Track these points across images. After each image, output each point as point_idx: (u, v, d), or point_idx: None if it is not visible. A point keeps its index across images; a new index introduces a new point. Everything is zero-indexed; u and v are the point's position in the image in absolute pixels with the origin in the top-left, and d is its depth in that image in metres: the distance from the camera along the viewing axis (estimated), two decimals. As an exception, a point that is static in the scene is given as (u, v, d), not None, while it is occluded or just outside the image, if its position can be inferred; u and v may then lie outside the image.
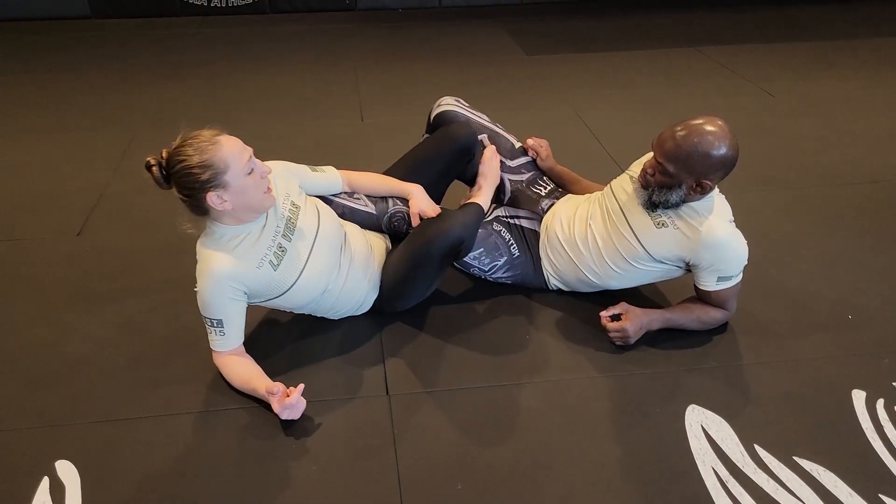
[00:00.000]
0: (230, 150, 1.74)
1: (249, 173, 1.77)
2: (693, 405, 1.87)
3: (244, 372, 1.89)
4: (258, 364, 1.92)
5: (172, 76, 4.45)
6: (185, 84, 4.30)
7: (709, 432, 1.79)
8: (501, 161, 2.37)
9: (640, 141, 1.95)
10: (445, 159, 2.28)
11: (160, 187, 1.78)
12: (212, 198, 1.74)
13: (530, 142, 2.41)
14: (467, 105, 2.41)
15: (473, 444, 1.76)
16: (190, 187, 1.74)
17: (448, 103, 2.39)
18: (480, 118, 2.40)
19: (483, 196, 2.24)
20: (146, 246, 2.56)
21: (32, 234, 2.70)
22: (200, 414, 1.85)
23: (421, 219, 2.12)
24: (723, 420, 1.82)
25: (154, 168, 1.75)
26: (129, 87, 4.24)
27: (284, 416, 1.74)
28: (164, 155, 1.76)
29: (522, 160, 2.41)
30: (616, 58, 4.73)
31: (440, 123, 2.36)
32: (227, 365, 1.91)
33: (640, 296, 2.27)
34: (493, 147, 2.35)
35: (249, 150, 1.80)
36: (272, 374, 1.90)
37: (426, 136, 2.43)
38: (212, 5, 5.70)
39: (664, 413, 1.85)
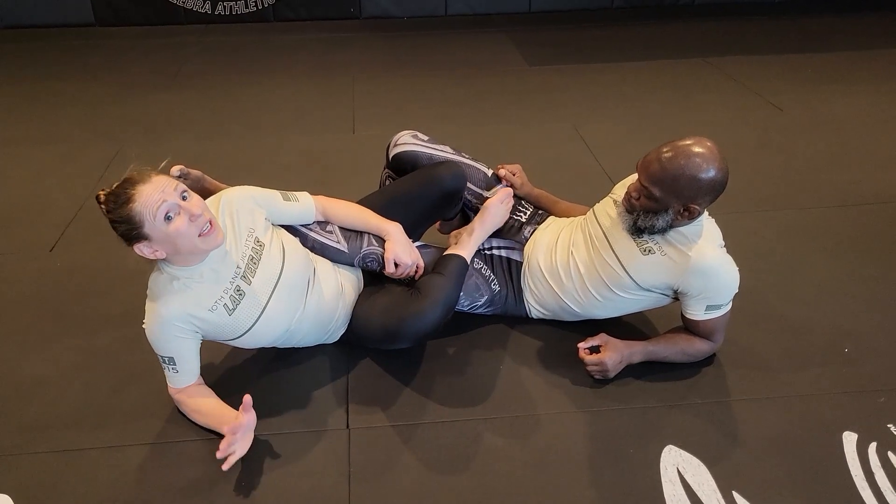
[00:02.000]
0: (143, 202, 1.59)
1: (171, 220, 1.62)
2: (670, 446, 1.76)
3: (203, 404, 1.80)
4: (216, 393, 1.83)
5: (168, 87, 4.41)
6: (181, 95, 4.26)
7: (685, 476, 1.67)
8: (478, 193, 2.24)
9: (637, 158, 1.85)
10: (429, 202, 2.14)
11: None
12: (141, 248, 1.65)
13: (502, 172, 2.28)
14: (426, 139, 2.25)
15: (432, 485, 1.66)
16: (119, 236, 1.65)
17: (405, 142, 2.22)
18: (444, 151, 2.24)
19: (470, 245, 2.09)
20: (118, 265, 2.46)
21: (4, 248, 2.64)
22: (151, 446, 1.77)
23: (396, 265, 1.99)
24: (701, 463, 1.71)
25: (101, 206, 1.65)
26: (124, 98, 4.20)
27: (234, 451, 1.64)
28: (103, 197, 1.65)
29: (498, 188, 2.28)
30: (620, 69, 4.62)
31: (401, 164, 2.21)
32: (183, 401, 1.82)
33: (624, 325, 2.16)
34: (510, 190, 2.21)
35: (171, 192, 1.62)
36: (232, 403, 1.79)
37: (388, 171, 2.29)
38: (216, 13, 5.67)
39: (639, 454, 1.74)
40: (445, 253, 2.09)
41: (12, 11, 5.51)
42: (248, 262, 1.80)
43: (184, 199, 1.64)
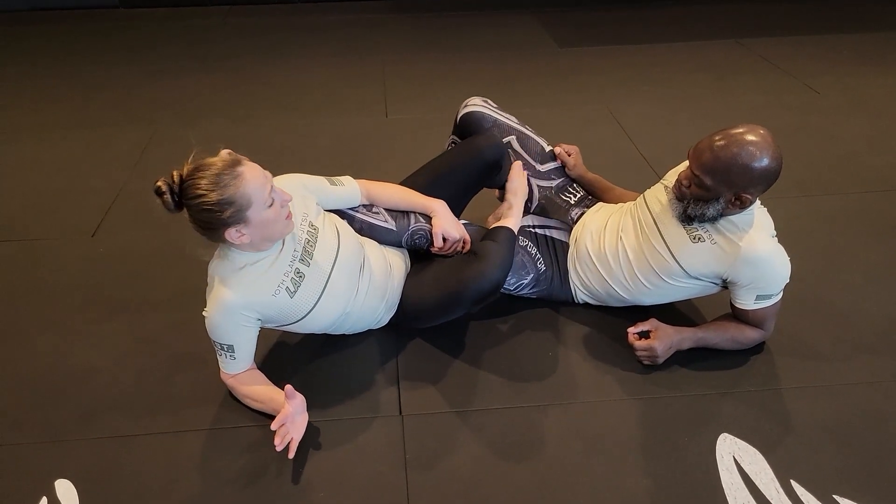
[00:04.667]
0: (253, 185, 1.59)
1: (271, 205, 1.63)
2: (725, 434, 1.75)
3: (256, 391, 1.81)
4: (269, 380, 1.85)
5: (198, 69, 4.39)
6: (210, 78, 4.24)
7: (741, 465, 1.67)
8: (530, 165, 2.26)
9: (676, 142, 1.83)
10: (470, 173, 2.16)
11: (169, 212, 1.63)
12: (230, 233, 1.62)
13: (558, 149, 2.29)
14: (495, 106, 2.29)
15: (487, 472, 1.66)
16: (207, 223, 1.61)
17: (475, 104, 2.27)
18: (509, 119, 2.28)
19: (514, 217, 2.09)
20: (161, 249, 2.50)
21: (46, 234, 2.65)
22: (207, 432, 1.78)
23: (444, 239, 2.01)
24: (757, 451, 1.70)
25: (165, 195, 1.58)
26: (154, 81, 4.19)
27: (291, 437, 1.64)
28: (177, 180, 1.60)
29: (552, 165, 2.29)
30: (652, 51, 4.56)
31: (467, 125, 2.24)
32: (236, 387, 1.83)
33: (672, 311, 2.14)
34: (520, 163, 2.22)
35: (269, 177, 1.65)
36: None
37: (452, 137, 2.32)
38: (241, -6, 5.64)
39: (694, 442, 1.73)
40: (491, 227, 2.10)
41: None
42: (305, 245, 1.80)
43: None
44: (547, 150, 2.30)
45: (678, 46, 4.61)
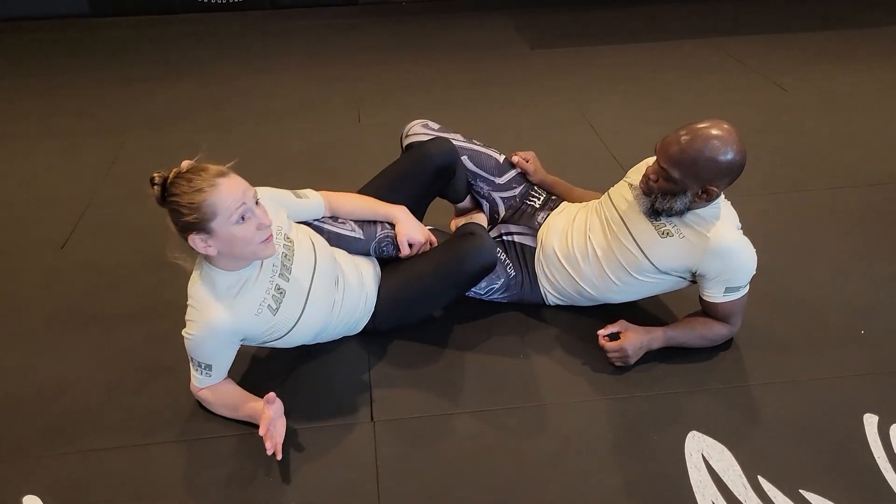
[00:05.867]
0: (223, 198, 1.58)
1: (241, 223, 1.62)
2: (694, 431, 1.76)
3: (229, 399, 1.81)
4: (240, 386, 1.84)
5: (169, 77, 4.37)
6: (181, 86, 4.22)
7: (710, 462, 1.68)
8: (490, 180, 2.27)
9: (646, 142, 1.84)
10: (424, 179, 2.16)
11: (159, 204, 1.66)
12: (195, 240, 1.63)
13: (515, 158, 2.29)
14: (437, 128, 2.26)
15: (459, 476, 1.67)
16: (175, 223, 1.63)
17: (416, 132, 2.24)
18: (455, 138, 2.25)
19: (480, 221, 2.12)
20: (132, 260, 2.48)
21: (13, 247, 2.63)
22: (176, 444, 1.77)
23: (410, 245, 2.02)
24: (725, 448, 1.72)
25: (156, 187, 1.62)
26: (124, 90, 4.16)
27: (276, 441, 1.64)
28: (171, 176, 1.62)
29: (511, 174, 2.29)
30: (625, 51, 4.59)
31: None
32: (207, 397, 1.82)
33: (641, 311, 2.16)
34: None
35: (250, 197, 1.63)
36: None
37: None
38: (211, 1, 5.61)
39: (663, 441, 1.74)
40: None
41: (5, 3, 5.44)
42: (283, 260, 1.80)
43: (257, 204, 1.65)
44: (502, 161, 2.30)
45: (650, 46, 4.65)
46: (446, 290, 2.02)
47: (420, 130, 2.24)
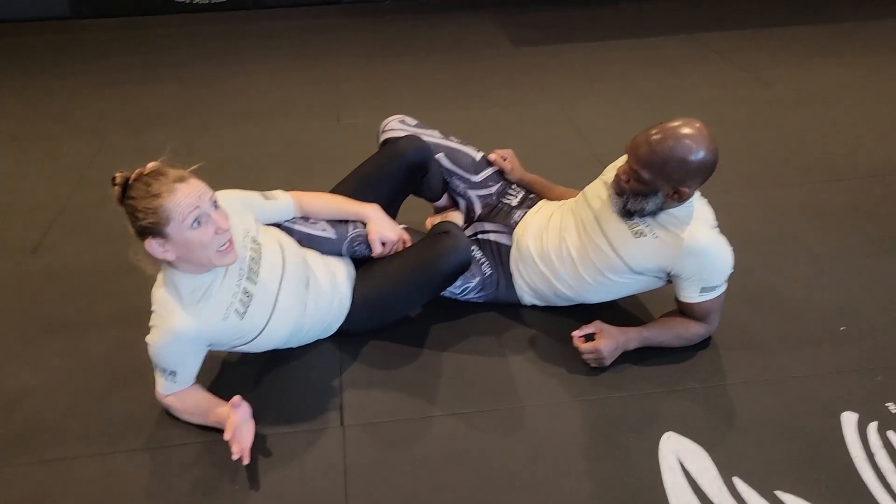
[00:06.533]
0: (178, 203, 1.55)
1: (196, 227, 1.58)
2: (669, 432, 1.73)
3: (196, 405, 1.77)
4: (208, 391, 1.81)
5: (148, 78, 4.32)
6: (161, 87, 4.18)
7: (684, 464, 1.65)
8: (466, 178, 2.23)
9: (627, 139, 1.81)
10: (396, 177, 2.13)
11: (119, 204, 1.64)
12: (152, 245, 1.60)
13: (493, 156, 2.26)
14: (415, 123, 2.23)
15: (428, 481, 1.63)
16: (133, 225, 1.61)
17: (392, 128, 2.21)
18: (432, 136, 2.22)
19: (456, 220, 2.10)
20: (105, 265, 2.43)
21: (-17, 251, 2.58)
22: (142, 452, 1.73)
23: (383, 244, 1.99)
24: (701, 449, 1.69)
25: (117, 188, 1.60)
26: (103, 92, 4.11)
27: (243, 445, 1.60)
28: (132, 177, 1.59)
29: (488, 171, 2.26)
30: (607, 48, 4.57)
31: None
32: (173, 404, 1.78)
33: (619, 310, 2.13)
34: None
35: (206, 200, 1.60)
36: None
37: None
38: (194, 3, 5.56)
39: (638, 442, 1.71)
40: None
41: (-17, 7, 5.39)
42: (250, 263, 1.77)
43: (214, 208, 1.62)
44: (479, 158, 2.26)
45: (632, 43, 4.63)
46: (420, 290, 1.99)
47: (397, 126, 2.21)
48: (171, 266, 1.68)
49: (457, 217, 2.31)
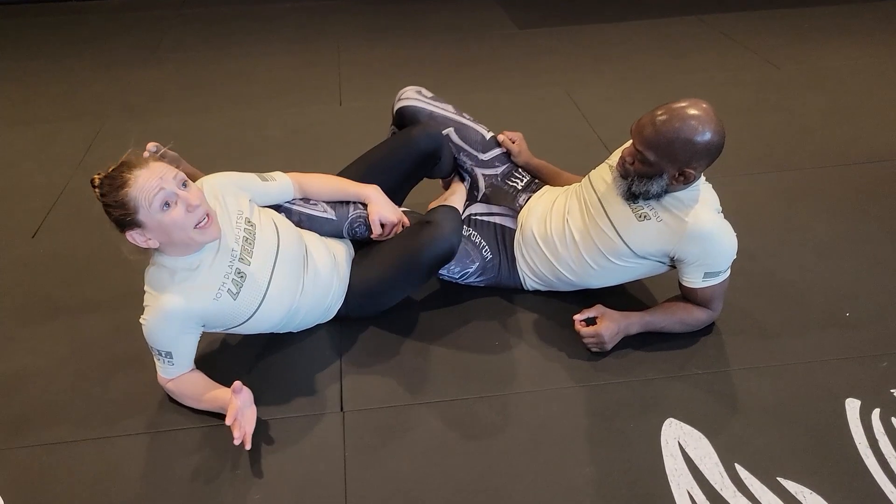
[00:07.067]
0: (140, 188, 1.54)
1: (168, 209, 1.57)
2: (671, 419, 1.72)
3: (197, 391, 1.77)
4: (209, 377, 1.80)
5: (148, 61, 4.29)
6: (161, 70, 4.15)
7: (686, 450, 1.64)
8: (474, 155, 2.22)
9: (632, 122, 1.78)
10: (406, 163, 2.12)
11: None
12: (133, 236, 1.60)
13: (502, 137, 2.25)
14: (430, 96, 2.24)
15: (428, 467, 1.63)
16: (111, 221, 1.61)
17: (408, 97, 2.21)
18: (445, 110, 2.22)
19: (457, 202, 2.09)
20: (105, 250, 2.42)
21: (-17, 236, 2.57)
22: (142, 436, 1.73)
23: (382, 225, 1.97)
24: (702, 435, 1.68)
25: (96, 189, 1.59)
26: (103, 75, 4.09)
27: (245, 430, 1.60)
28: (97, 181, 1.59)
29: (496, 152, 2.25)
30: (613, 29, 4.51)
31: (403, 119, 2.20)
32: (174, 389, 1.78)
33: (621, 295, 2.11)
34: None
35: (170, 180, 1.58)
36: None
37: (393, 127, 2.27)
38: (195, -16, 5.51)
39: (639, 428, 1.70)
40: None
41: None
42: (243, 244, 1.76)
43: (183, 187, 1.60)
44: (488, 138, 2.25)
45: (639, 25, 4.57)
46: (406, 278, 1.96)
47: (413, 96, 2.22)
48: (159, 252, 1.68)
49: (460, 190, 2.29)
